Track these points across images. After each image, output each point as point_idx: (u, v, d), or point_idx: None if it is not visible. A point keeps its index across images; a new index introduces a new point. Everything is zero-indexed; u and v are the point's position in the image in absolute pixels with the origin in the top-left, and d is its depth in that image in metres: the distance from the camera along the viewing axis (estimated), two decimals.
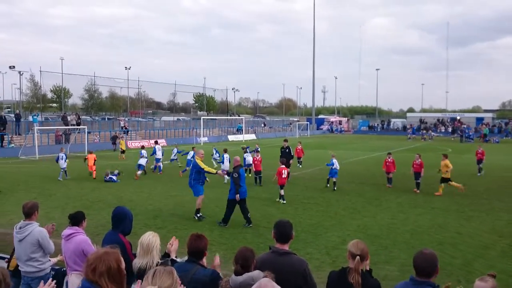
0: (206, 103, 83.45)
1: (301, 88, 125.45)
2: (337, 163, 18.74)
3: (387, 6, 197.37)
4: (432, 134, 64.35)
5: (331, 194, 17.42)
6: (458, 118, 77.70)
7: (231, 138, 56.27)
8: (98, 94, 71.63)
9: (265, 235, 11.03)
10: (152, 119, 65.16)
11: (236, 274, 3.92)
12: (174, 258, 4.90)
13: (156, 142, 26.98)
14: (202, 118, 54.90)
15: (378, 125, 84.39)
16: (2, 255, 7.34)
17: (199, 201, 13.10)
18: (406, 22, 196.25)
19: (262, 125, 72.69)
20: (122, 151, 31.52)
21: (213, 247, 9.37)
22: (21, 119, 39.29)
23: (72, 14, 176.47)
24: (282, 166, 16.11)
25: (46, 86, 57.57)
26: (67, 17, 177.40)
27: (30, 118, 40.19)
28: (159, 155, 23.58)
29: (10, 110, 67.31)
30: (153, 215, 13.44)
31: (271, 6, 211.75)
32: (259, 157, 20.25)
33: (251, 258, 4.07)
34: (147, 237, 4.71)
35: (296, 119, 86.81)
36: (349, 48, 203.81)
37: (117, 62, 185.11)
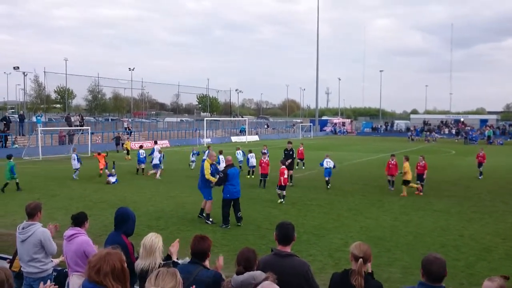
0: (209, 104, 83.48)
1: (304, 89, 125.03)
2: (331, 162, 19.53)
3: (390, 8, 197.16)
4: (435, 136, 64.19)
5: (334, 195, 17.40)
6: (462, 120, 77.50)
7: (234, 139, 56.26)
8: (102, 95, 71.82)
9: (267, 237, 11.01)
10: (155, 120, 65.21)
11: (238, 275, 3.92)
12: (176, 260, 4.90)
13: (155, 142, 27.06)
14: (206, 119, 54.90)
15: (381, 126, 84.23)
16: (5, 256, 7.36)
17: (209, 205, 12.84)
18: (408, 23, 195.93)
19: (265, 126, 72.66)
20: (128, 152, 31.65)
21: (215, 249, 9.35)
22: (25, 120, 39.39)
23: (76, 15, 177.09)
24: (283, 166, 16.13)
25: (50, 87, 57.88)
26: (71, 18, 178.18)
27: (34, 119, 40.26)
28: (157, 157, 23.72)
29: (14, 110, 67.63)
30: (155, 216, 13.44)
31: (274, 8, 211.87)
32: (266, 159, 19.72)
33: (253, 259, 4.06)
34: (150, 238, 4.71)
35: (299, 121, 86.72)
36: (352, 49, 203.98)
37: (120, 63, 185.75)
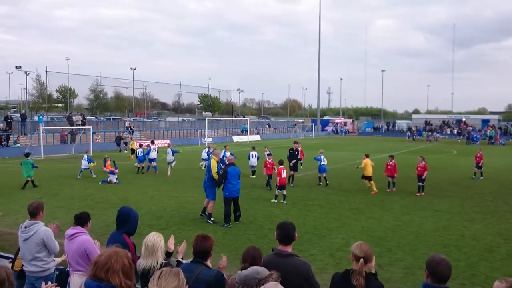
0: (211, 104, 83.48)
1: (306, 89, 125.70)
2: (324, 159, 20.10)
3: (392, 8, 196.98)
4: (437, 136, 64.11)
5: (335, 195, 17.40)
6: (463, 120, 77.41)
7: (236, 139, 56.29)
8: (104, 95, 71.92)
9: (268, 236, 11.02)
10: (157, 120, 65.28)
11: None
12: (180, 259, 4.92)
13: (152, 142, 27.18)
14: (207, 118, 54.96)
15: (383, 126, 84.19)
16: (6, 255, 7.38)
17: (212, 205, 12.89)
18: (410, 23, 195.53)
19: (267, 126, 72.68)
20: (132, 151, 31.68)
21: (217, 248, 9.35)
22: (27, 119, 39.49)
23: (78, 16, 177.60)
24: (281, 166, 16.19)
25: (52, 86, 57.84)
26: (73, 18, 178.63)
27: (36, 118, 40.35)
28: (154, 156, 24.06)
29: (16, 110, 67.66)
30: (157, 216, 13.46)
31: (275, 8, 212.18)
32: (271, 160, 19.26)
33: (259, 257, 4.10)
34: (152, 237, 4.71)
35: (301, 120, 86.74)
36: (354, 49, 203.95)
37: (122, 63, 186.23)
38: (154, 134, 48.07)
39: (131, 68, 64.39)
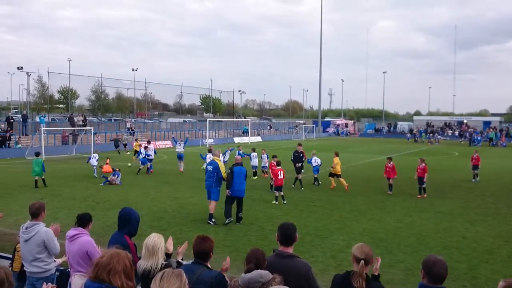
0: (212, 105, 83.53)
1: (307, 90, 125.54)
2: (318, 160, 20.79)
3: (393, 9, 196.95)
4: (438, 137, 64.06)
5: (336, 197, 17.38)
6: (465, 121, 77.34)
7: (237, 140, 56.31)
8: (105, 95, 71.99)
9: (269, 238, 11.01)
10: (158, 121, 65.31)
11: (248, 272, 3.94)
12: (180, 260, 4.91)
13: (148, 142, 27.25)
14: (208, 120, 54.97)
15: (384, 128, 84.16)
16: (7, 255, 7.40)
17: (214, 205, 12.93)
18: (412, 25, 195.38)
19: (268, 127, 72.71)
20: (136, 152, 31.62)
21: (217, 249, 9.37)
22: (28, 120, 39.55)
23: (80, 16, 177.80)
24: (278, 167, 16.22)
25: (53, 87, 57.93)
26: (75, 19, 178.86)
27: (37, 119, 40.42)
28: (152, 156, 24.34)
29: (17, 110, 67.82)
30: (158, 217, 13.46)
31: (277, 9, 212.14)
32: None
33: (263, 259, 4.12)
34: (152, 239, 4.71)
35: (302, 122, 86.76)
36: (355, 50, 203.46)
37: (124, 63, 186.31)
38: (155, 135, 48.08)
39: (133, 68, 64.62)
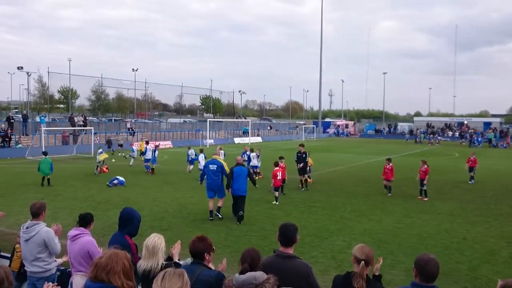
0: (212, 105, 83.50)
1: (307, 91, 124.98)
2: (310, 161, 20.53)
3: (395, 9, 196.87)
4: (438, 138, 64.01)
5: (337, 197, 17.37)
6: (465, 122, 77.30)
7: (237, 140, 56.35)
8: (105, 96, 71.88)
9: (270, 238, 11.01)
10: (158, 121, 65.31)
11: (241, 273, 3.93)
12: (177, 261, 4.90)
13: (147, 142, 27.25)
14: (209, 120, 54.96)
15: (384, 129, 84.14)
16: (8, 255, 7.39)
17: (222, 201, 13.60)
18: (413, 25, 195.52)
19: (268, 128, 72.70)
20: (141, 153, 31.60)
21: (218, 250, 9.35)
22: (28, 120, 39.55)
23: (81, 16, 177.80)
24: (276, 168, 16.31)
25: (54, 87, 57.86)
26: (76, 19, 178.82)
27: (38, 119, 40.40)
28: (149, 156, 24.58)
29: (17, 110, 67.77)
30: (159, 217, 13.47)
31: (278, 9, 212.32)
32: (283, 163, 18.01)
33: (258, 259, 4.10)
34: (153, 239, 4.71)
35: (302, 122, 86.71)
36: (356, 51, 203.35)
37: (124, 63, 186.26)
38: (155, 135, 48.10)
39: (133, 69, 64.38)
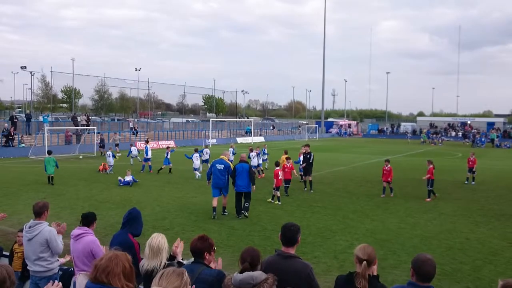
0: (215, 105, 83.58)
1: (310, 91, 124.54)
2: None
3: (397, 9, 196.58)
4: (442, 138, 63.85)
5: (339, 197, 17.35)
6: (468, 122, 77.09)
7: (240, 140, 56.35)
8: (108, 95, 72.09)
9: (272, 238, 11.00)
10: (161, 121, 65.34)
11: (243, 271, 3.93)
12: (181, 260, 4.90)
13: (147, 141, 27.28)
14: (211, 120, 54.97)
15: (387, 128, 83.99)
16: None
17: (226, 199, 13.92)
18: (416, 25, 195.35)
19: (271, 127, 72.66)
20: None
21: (220, 249, 9.37)
22: (31, 119, 39.65)
23: (84, 16, 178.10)
24: (277, 168, 16.37)
25: (57, 86, 58.25)
26: (79, 18, 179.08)
27: (41, 118, 40.50)
28: (149, 155, 24.65)
29: (21, 110, 67.97)
30: (161, 217, 13.47)
31: (280, 9, 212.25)
32: (290, 164, 17.94)
33: (258, 257, 4.10)
34: (157, 239, 4.71)
35: (305, 122, 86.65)
36: (359, 51, 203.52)
37: (127, 63, 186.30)
38: (158, 135, 48.14)
39: (136, 68, 64.52)
